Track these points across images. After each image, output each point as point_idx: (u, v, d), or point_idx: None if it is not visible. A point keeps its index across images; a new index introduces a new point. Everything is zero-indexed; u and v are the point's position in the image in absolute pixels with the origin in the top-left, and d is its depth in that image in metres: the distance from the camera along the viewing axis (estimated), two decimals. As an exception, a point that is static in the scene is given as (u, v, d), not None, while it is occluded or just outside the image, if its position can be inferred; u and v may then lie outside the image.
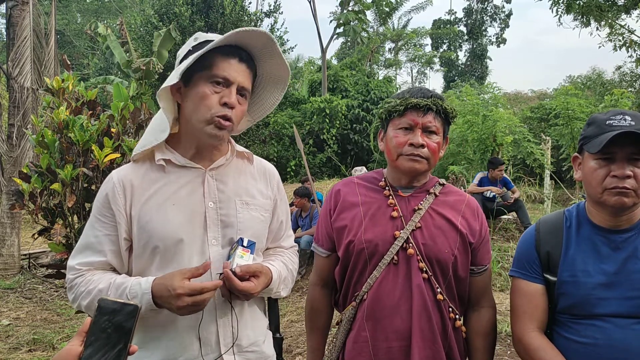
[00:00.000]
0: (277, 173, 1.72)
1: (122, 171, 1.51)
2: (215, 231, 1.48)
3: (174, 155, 1.50)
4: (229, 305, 1.47)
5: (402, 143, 1.63)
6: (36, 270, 7.95)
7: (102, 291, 1.38)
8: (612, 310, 1.46)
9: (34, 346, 4.96)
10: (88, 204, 3.41)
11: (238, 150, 1.60)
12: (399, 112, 1.65)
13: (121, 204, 1.45)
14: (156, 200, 1.45)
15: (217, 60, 1.42)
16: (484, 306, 1.74)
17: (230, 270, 1.38)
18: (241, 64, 1.45)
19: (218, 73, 1.42)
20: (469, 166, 9.86)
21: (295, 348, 4.65)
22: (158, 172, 1.49)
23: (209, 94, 1.42)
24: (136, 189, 1.46)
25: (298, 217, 7.71)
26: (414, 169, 1.64)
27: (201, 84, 1.42)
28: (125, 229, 1.45)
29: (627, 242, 1.49)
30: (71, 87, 3.73)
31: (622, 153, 1.42)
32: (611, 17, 13.33)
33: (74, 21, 32.14)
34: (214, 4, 16.28)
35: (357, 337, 1.65)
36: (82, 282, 1.43)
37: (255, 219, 1.55)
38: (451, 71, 34.97)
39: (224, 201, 1.51)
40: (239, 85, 1.45)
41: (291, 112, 19.21)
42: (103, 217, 1.46)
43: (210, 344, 1.45)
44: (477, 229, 1.69)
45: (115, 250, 1.46)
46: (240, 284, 1.38)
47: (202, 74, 1.42)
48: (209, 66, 1.41)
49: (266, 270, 1.48)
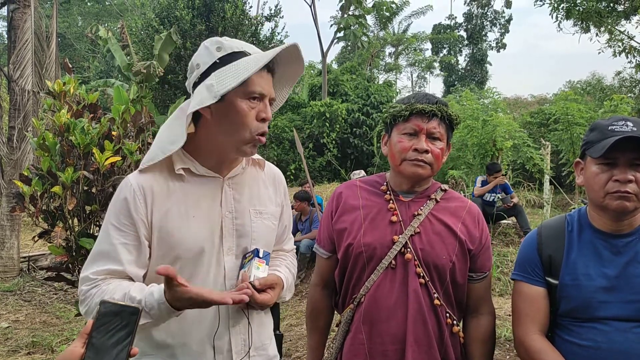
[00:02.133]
0: (284, 178, 1.72)
1: (141, 177, 1.43)
2: (231, 241, 1.48)
3: (194, 164, 1.45)
4: (242, 314, 1.47)
5: (407, 148, 1.63)
6: (36, 272, 7.94)
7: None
8: (613, 314, 1.47)
9: (33, 349, 4.95)
10: (88, 206, 3.40)
11: (253, 158, 1.57)
12: (403, 117, 1.65)
13: (142, 211, 1.38)
14: (178, 210, 1.41)
15: (251, 75, 1.36)
16: (483, 313, 1.74)
17: (250, 282, 1.38)
18: (268, 74, 1.42)
19: (255, 89, 1.38)
20: (468, 171, 9.87)
21: (295, 352, 4.64)
22: (177, 181, 1.44)
23: (247, 110, 1.38)
24: (157, 197, 1.41)
25: (298, 220, 7.72)
26: (417, 174, 1.64)
27: (238, 101, 1.37)
28: (145, 235, 1.40)
29: (628, 246, 1.50)
30: (72, 90, 3.73)
31: (624, 158, 1.43)
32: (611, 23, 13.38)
33: (75, 24, 32.20)
34: (215, 7, 16.31)
35: (354, 339, 1.67)
36: (97, 293, 1.34)
37: (267, 228, 1.56)
38: (451, 76, 35.04)
39: (240, 211, 1.50)
40: (271, 97, 1.43)
41: (291, 115, 19.24)
42: (121, 225, 1.39)
43: (222, 352, 1.45)
44: (477, 236, 1.69)
45: (133, 259, 1.38)
46: (259, 297, 1.38)
47: (237, 90, 1.35)
48: (244, 82, 1.35)
49: (280, 282, 1.49)
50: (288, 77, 1.57)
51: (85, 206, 3.44)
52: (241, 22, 16.73)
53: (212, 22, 16.15)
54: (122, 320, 0.97)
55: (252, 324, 1.50)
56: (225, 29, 16.06)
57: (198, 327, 1.41)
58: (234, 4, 16.61)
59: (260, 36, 18.18)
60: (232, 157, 1.47)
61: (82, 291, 1.38)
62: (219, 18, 16.22)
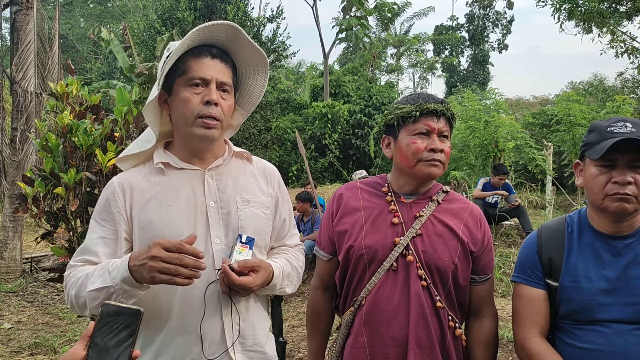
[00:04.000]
0: (278, 172, 1.74)
1: (122, 175, 1.54)
2: (218, 230, 1.50)
3: (173, 158, 1.53)
4: (229, 301, 1.48)
5: (421, 149, 1.61)
6: (38, 273, 7.96)
7: (89, 275, 1.38)
8: (613, 316, 1.46)
9: (36, 350, 4.96)
10: (91, 208, 3.42)
11: (236, 150, 1.62)
12: (414, 117, 1.64)
13: (121, 205, 1.47)
14: (157, 201, 1.47)
15: (190, 63, 1.45)
16: (485, 315, 1.72)
17: (229, 266, 1.40)
18: (214, 60, 1.48)
19: (194, 75, 1.45)
20: (470, 172, 9.87)
21: (297, 353, 4.65)
22: (158, 174, 1.52)
23: (189, 97, 1.45)
24: (136, 191, 1.49)
25: (300, 221, 7.72)
26: (434, 174, 1.63)
27: (181, 90, 1.46)
28: (125, 229, 1.47)
29: (629, 248, 1.50)
30: (75, 92, 3.74)
31: (623, 160, 1.43)
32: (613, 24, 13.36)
33: (77, 26, 32.29)
34: (217, 9, 16.35)
35: (354, 343, 1.65)
36: (73, 273, 1.44)
37: (256, 216, 1.57)
38: (453, 77, 35.03)
39: (225, 200, 1.53)
40: (218, 81, 1.47)
41: (293, 117, 19.25)
42: (102, 220, 1.48)
43: (216, 341, 1.46)
44: (480, 238, 1.68)
45: (109, 252, 1.46)
46: (238, 279, 1.39)
47: (180, 80, 1.46)
48: (184, 71, 1.45)
49: (265, 265, 1.49)
50: (254, 62, 1.60)
51: (88, 207, 3.45)
52: (243, 24, 16.75)
53: (214, 24, 16.15)
54: (123, 321, 0.98)
55: (243, 315, 1.50)
56: (227, 30, 16.07)
57: (186, 317, 1.43)
58: (236, 6, 16.64)
59: (262, 37, 18.21)
60: (197, 144, 1.51)
61: (64, 277, 1.48)
62: (220, 19, 16.22)
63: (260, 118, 18.04)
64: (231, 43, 1.53)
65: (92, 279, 1.37)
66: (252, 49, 1.55)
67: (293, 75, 31.46)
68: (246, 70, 1.61)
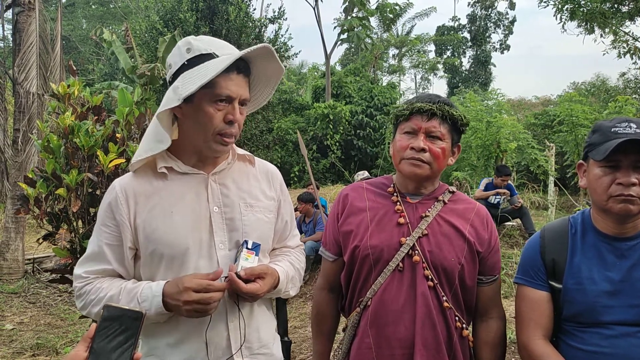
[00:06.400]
0: (280, 174, 1.73)
1: (124, 180, 1.50)
2: (222, 235, 1.49)
3: (176, 162, 1.50)
4: (235, 307, 1.47)
5: (405, 147, 1.62)
6: (40, 274, 7.96)
7: (113, 297, 1.38)
8: (617, 318, 1.45)
9: (38, 351, 4.96)
10: (93, 209, 3.41)
11: (239, 153, 1.60)
12: (404, 116, 1.65)
13: (124, 213, 1.44)
14: (161, 208, 1.45)
15: (218, 78, 1.37)
16: (492, 317, 1.71)
17: (235, 273, 1.39)
18: (239, 76, 1.43)
19: (221, 92, 1.39)
20: (472, 172, 9.86)
21: (299, 354, 4.64)
22: (160, 180, 1.49)
23: (213, 113, 1.40)
24: (139, 198, 1.46)
25: (302, 222, 7.71)
26: (415, 173, 1.62)
27: (204, 104, 1.40)
28: (130, 238, 1.45)
29: (633, 249, 1.49)
30: (77, 93, 3.74)
31: (627, 160, 1.42)
32: (615, 24, 13.34)
33: (79, 27, 32.34)
34: (219, 10, 16.34)
35: (360, 344, 1.64)
36: (92, 289, 1.43)
37: (260, 220, 1.56)
38: (455, 77, 34.99)
39: (229, 205, 1.52)
40: (241, 98, 1.44)
41: (295, 117, 19.25)
42: (106, 227, 1.46)
43: (222, 347, 1.46)
44: (486, 238, 1.67)
45: (119, 258, 1.46)
46: (245, 287, 1.39)
47: (204, 93, 1.38)
48: (211, 85, 1.37)
49: (272, 271, 1.49)
50: (269, 76, 1.57)
51: (90, 208, 3.45)
52: (245, 25, 16.75)
53: (216, 25, 16.18)
54: (122, 325, 0.98)
55: (247, 318, 1.50)
56: (229, 31, 16.08)
57: (190, 323, 1.43)
58: (238, 7, 16.63)
59: (264, 38, 18.21)
60: (208, 154, 1.49)
61: (77, 288, 1.47)
62: (222, 20, 16.25)
63: (262, 119, 18.05)
64: (258, 56, 1.48)
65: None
66: (276, 65, 1.52)
67: (295, 76, 31.49)
68: (259, 79, 1.57)
